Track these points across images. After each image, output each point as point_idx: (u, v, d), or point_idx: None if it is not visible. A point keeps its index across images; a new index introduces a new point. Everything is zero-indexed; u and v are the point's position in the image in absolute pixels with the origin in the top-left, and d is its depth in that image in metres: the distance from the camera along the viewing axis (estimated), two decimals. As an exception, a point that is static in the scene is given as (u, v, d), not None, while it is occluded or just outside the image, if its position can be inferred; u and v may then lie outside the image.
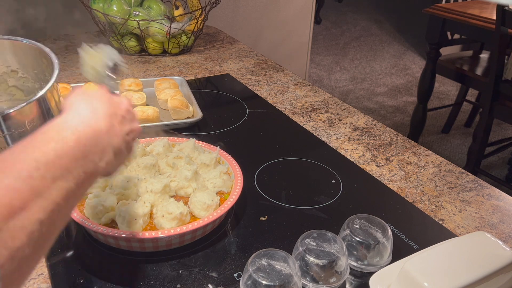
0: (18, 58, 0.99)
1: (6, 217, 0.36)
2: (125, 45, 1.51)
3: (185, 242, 0.72)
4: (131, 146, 0.56)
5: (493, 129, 2.88)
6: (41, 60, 0.96)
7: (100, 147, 0.49)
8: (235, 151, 0.89)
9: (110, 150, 0.50)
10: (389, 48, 4.48)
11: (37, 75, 0.99)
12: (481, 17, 2.16)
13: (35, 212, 0.39)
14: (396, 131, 1.12)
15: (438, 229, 0.79)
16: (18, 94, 1.03)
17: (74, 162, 0.44)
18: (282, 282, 0.58)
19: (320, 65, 4.02)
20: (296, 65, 2.53)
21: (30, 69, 1.00)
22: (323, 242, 0.65)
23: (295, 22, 2.42)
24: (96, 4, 1.46)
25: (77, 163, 0.45)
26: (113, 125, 0.52)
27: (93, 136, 0.48)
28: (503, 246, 0.64)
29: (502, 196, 0.88)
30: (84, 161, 0.46)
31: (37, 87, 1.01)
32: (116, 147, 0.51)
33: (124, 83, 1.20)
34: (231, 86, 1.34)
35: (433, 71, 2.49)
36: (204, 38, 1.76)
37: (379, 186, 0.90)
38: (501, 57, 1.96)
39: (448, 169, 0.97)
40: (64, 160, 0.43)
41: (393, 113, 3.21)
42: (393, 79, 3.78)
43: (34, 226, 0.39)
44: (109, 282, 0.66)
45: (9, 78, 1.01)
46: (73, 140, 0.45)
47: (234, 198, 0.75)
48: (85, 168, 0.45)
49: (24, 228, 0.38)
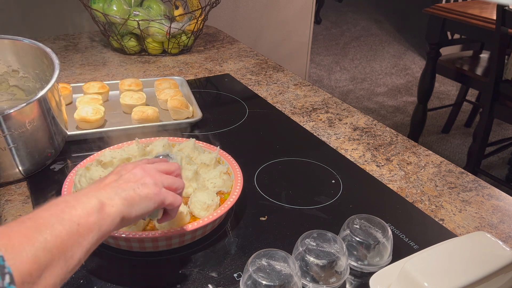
0: (19, 58, 0.99)
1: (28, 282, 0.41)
2: (125, 45, 1.51)
3: (185, 242, 0.72)
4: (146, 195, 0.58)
5: (493, 129, 2.88)
6: (41, 60, 0.96)
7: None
8: (235, 151, 0.89)
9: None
10: (389, 48, 4.48)
11: (38, 74, 0.99)
12: (481, 17, 2.16)
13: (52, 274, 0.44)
14: (396, 131, 1.12)
15: (438, 229, 0.79)
16: (19, 93, 1.03)
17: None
18: (282, 282, 0.58)
19: (320, 65, 4.02)
20: (296, 65, 2.53)
21: (31, 68, 1.00)
22: (323, 242, 0.65)
23: (295, 22, 2.42)
24: (96, 4, 1.46)
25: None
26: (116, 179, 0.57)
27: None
28: (503, 246, 0.64)
29: (502, 196, 0.88)
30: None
31: (38, 87, 1.01)
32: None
33: (124, 83, 1.20)
34: (231, 86, 1.34)
35: (433, 71, 2.49)
36: (204, 38, 1.76)
37: (379, 186, 0.90)
38: (501, 57, 1.96)
39: (448, 169, 0.97)
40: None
41: (393, 113, 3.21)
42: (393, 79, 3.78)
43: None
44: (109, 282, 0.66)
45: (10, 77, 1.01)
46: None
47: (234, 198, 0.75)
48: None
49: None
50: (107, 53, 1.56)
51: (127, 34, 1.51)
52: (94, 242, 0.49)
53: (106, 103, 1.17)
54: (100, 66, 1.45)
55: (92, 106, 1.06)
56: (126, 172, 0.58)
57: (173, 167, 0.64)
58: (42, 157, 0.88)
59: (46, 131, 0.87)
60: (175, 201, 0.60)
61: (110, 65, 1.45)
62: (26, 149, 0.84)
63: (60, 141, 0.92)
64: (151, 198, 0.56)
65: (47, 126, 0.87)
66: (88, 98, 1.11)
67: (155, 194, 0.57)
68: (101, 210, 0.50)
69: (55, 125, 0.89)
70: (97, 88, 1.17)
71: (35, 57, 0.97)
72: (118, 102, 1.15)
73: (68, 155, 0.96)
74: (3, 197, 0.83)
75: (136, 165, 0.60)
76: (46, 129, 0.87)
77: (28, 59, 0.99)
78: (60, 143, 0.93)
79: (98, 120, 1.04)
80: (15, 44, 0.97)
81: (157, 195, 0.57)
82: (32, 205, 0.81)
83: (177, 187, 0.62)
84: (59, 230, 0.45)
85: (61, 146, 0.94)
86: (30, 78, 1.01)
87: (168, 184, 0.60)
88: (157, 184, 0.58)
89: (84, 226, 0.48)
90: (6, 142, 0.80)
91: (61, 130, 0.93)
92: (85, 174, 0.78)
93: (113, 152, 0.83)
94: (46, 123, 0.86)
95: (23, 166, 0.85)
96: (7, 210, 0.80)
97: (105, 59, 1.51)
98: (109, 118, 1.10)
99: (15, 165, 0.84)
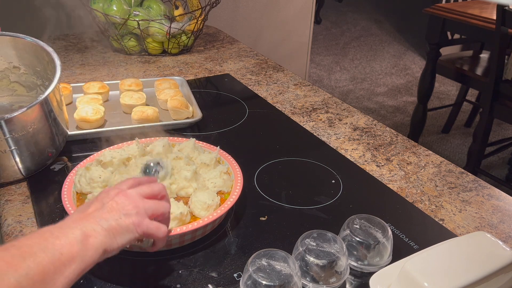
0: (19, 55, 0.99)
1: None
2: (125, 45, 1.51)
3: (185, 242, 0.72)
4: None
5: (493, 129, 2.87)
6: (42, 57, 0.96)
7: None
8: (235, 151, 0.89)
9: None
10: (389, 48, 4.48)
11: (39, 72, 1.00)
12: (481, 17, 2.16)
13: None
14: (396, 131, 1.12)
15: (438, 229, 0.79)
16: (20, 89, 1.03)
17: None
18: (282, 282, 0.58)
19: (320, 65, 4.02)
20: (296, 65, 2.53)
21: (32, 66, 1.00)
22: (323, 242, 0.65)
23: (295, 22, 2.42)
24: (96, 4, 1.46)
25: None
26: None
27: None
28: (503, 246, 0.64)
29: (502, 196, 0.88)
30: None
31: (39, 84, 1.01)
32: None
33: (124, 83, 1.20)
34: (231, 86, 1.34)
35: (433, 71, 2.49)
36: (204, 38, 1.76)
37: (379, 186, 0.90)
38: (501, 57, 1.96)
39: (448, 169, 0.97)
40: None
41: (393, 113, 3.21)
42: (393, 79, 3.78)
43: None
44: (109, 282, 0.66)
45: (11, 74, 1.01)
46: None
47: (234, 198, 0.75)
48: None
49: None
50: (107, 53, 1.56)
51: (127, 34, 1.51)
52: (77, 273, 0.49)
53: (106, 103, 1.17)
54: (100, 66, 1.45)
55: (92, 106, 1.06)
56: (109, 200, 0.57)
57: (157, 189, 0.62)
58: (43, 157, 0.88)
59: (48, 132, 0.87)
60: (157, 233, 0.59)
61: (110, 65, 1.45)
62: (27, 150, 0.84)
63: (61, 141, 0.92)
64: (132, 230, 0.56)
65: (48, 127, 0.87)
66: (88, 98, 1.11)
67: (137, 226, 0.56)
68: (84, 241, 0.51)
69: (56, 125, 0.89)
70: (97, 88, 1.17)
71: (36, 54, 0.97)
72: (118, 102, 1.15)
73: (68, 155, 0.96)
74: (3, 197, 0.83)
75: (119, 192, 0.59)
76: (48, 130, 0.87)
77: (29, 56, 0.99)
78: (61, 143, 0.93)
79: (98, 120, 1.04)
80: (16, 41, 0.97)
81: (139, 226, 0.56)
82: (32, 205, 0.81)
83: (162, 212, 0.61)
84: (41, 258, 0.46)
85: (62, 145, 0.94)
86: (31, 75, 1.01)
87: (152, 212, 0.59)
88: (139, 213, 0.57)
89: (67, 255, 0.48)
90: (8, 144, 0.80)
91: (62, 130, 0.93)
92: (85, 174, 0.78)
93: (113, 152, 0.83)
94: (47, 124, 0.86)
95: (24, 166, 0.85)
96: (7, 210, 0.80)
97: (105, 59, 1.51)
98: (109, 118, 1.10)
99: (16, 166, 0.84)
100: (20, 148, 0.82)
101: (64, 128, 0.94)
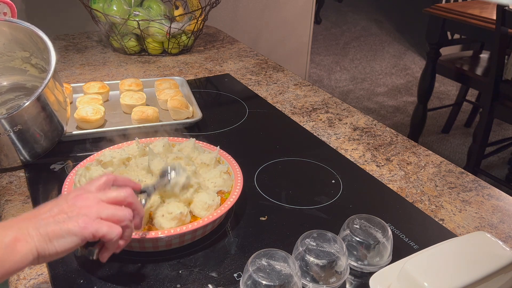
0: (30, 42, 1.01)
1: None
2: (125, 45, 1.51)
3: (185, 242, 0.72)
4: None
5: (493, 129, 2.88)
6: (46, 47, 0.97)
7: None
8: (235, 151, 0.89)
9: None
10: (389, 48, 4.48)
11: (46, 60, 1.01)
12: (481, 17, 2.16)
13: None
14: (396, 131, 1.12)
15: (438, 229, 0.79)
16: (32, 70, 1.06)
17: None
18: (282, 282, 0.58)
19: (320, 65, 4.02)
20: (296, 65, 2.53)
21: (40, 52, 1.01)
22: (323, 242, 0.65)
23: (295, 22, 2.42)
24: (96, 4, 1.46)
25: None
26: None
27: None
28: (503, 246, 0.64)
29: (502, 196, 0.88)
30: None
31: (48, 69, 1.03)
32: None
33: (125, 83, 1.20)
34: (231, 86, 1.34)
35: (433, 71, 2.49)
36: (204, 38, 1.76)
37: (379, 186, 0.90)
38: (501, 57, 1.96)
39: (448, 169, 0.97)
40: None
41: (393, 113, 3.21)
42: (393, 79, 3.78)
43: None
44: (109, 282, 0.66)
45: (23, 57, 1.04)
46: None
47: (234, 198, 0.75)
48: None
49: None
50: (107, 53, 1.56)
51: (127, 34, 1.51)
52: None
53: (106, 103, 1.17)
54: (100, 66, 1.45)
55: (92, 106, 1.06)
56: (64, 202, 0.55)
57: (122, 196, 0.59)
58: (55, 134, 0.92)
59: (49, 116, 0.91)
60: (109, 233, 0.55)
61: (110, 65, 1.45)
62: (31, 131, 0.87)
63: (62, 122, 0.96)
64: (76, 233, 0.52)
65: (49, 113, 0.90)
66: (88, 98, 1.11)
67: (83, 228, 0.53)
68: (10, 246, 0.49)
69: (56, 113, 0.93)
70: (97, 88, 1.17)
71: (41, 44, 0.98)
72: (118, 102, 1.15)
73: (68, 155, 0.96)
74: (3, 197, 0.83)
75: (80, 194, 0.56)
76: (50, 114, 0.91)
77: (35, 44, 0.99)
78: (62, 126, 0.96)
79: (98, 120, 1.04)
80: (19, 28, 0.98)
81: (85, 228, 0.53)
82: (32, 205, 0.81)
83: (119, 219, 0.57)
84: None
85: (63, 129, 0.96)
86: (40, 59, 1.01)
87: (107, 216, 0.56)
88: (88, 216, 0.54)
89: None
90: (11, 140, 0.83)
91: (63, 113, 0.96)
92: (85, 174, 0.78)
93: (113, 152, 0.83)
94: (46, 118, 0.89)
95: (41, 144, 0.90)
96: (7, 210, 0.80)
97: (105, 59, 1.51)
98: (109, 118, 1.10)
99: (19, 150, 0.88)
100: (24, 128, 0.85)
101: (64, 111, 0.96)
